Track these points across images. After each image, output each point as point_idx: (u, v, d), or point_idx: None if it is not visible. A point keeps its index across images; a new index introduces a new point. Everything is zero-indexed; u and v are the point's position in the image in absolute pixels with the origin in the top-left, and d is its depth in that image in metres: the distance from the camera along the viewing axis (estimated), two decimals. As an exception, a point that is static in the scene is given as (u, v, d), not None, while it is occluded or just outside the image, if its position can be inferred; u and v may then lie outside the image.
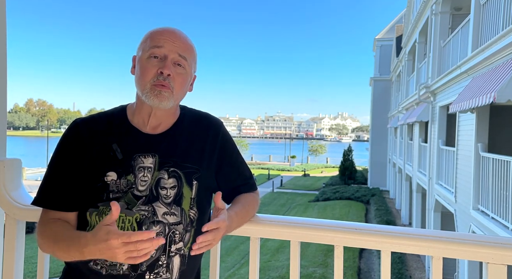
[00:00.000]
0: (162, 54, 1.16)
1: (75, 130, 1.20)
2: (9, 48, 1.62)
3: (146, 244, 0.93)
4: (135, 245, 0.93)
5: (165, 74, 1.14)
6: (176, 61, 1.17)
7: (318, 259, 11.69)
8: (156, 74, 1.15)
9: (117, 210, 0.97)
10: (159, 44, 1.16)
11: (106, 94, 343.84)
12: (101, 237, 0.95)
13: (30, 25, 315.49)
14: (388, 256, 1.33)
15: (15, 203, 1.49)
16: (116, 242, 0.93)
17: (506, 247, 1.22)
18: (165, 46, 1.16)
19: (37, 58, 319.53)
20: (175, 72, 1.16)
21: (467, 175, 7.28)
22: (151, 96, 1.15)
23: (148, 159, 1.18)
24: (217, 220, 1.10)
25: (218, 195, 1.15)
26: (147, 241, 0.93)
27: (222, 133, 1.33)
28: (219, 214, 1.14)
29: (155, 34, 1.18)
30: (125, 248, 0.94)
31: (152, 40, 1.17)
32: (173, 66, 1.17)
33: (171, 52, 1.16)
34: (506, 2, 5.94)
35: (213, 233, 1.08)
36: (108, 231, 0.95)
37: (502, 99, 5.02)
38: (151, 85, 1.15)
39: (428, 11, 11.94)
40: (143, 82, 1.16)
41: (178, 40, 1.18)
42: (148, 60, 1.16)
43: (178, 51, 1.17)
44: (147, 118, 1.22)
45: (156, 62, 1.15)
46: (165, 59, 1.15)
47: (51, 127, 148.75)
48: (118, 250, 0.94)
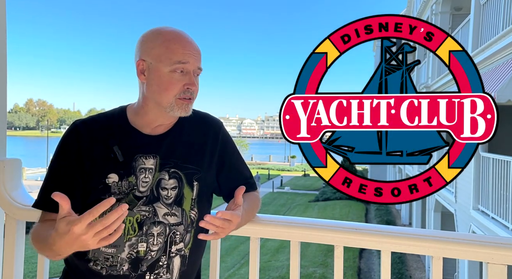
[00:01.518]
0: (187, 69, 1.15)
1: (75, 132, 1.19)
2: (9, 48, 1.62)
3: (111, 217, 0.88)
4: (101, 222, 0.88)
5: (192, 90, 1.16)
6: (196, 73, 1.19)
7: (318, 259, 11.69)
8: (183, 89, 1.15)
9: (61, 199, 0.91)
10: (184, 59, 1.13)
11: (106, 94, 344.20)
12: (62, 230, 0.90)
13: (30, 25, 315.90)
14: (388, 256, 1.33)
15: (15, 203, 1.49)
16: (79, 228, 0.87)
17: (506, 247, 1.22)
18: (190, 61, 1.15)
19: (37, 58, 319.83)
20: (196, 83, 1.18)
21: (467, 175, 7.28)
22: (177, 110, 1.16)
23: (149, 160, 1.18)
24: (232, 213, 1.09)
25: (241, 189, 1.16)
26: (111, 213, 0.88)
27: (222, 134, 1.33)
28: (236, 209, 1.13)
29: (175, 47, 1.14)
30: (92, 230, 0.88)
31: (174, 53, 1.13)
32: (194, 77, 1.18)
33: (193, 66, 1.16)
34: (506, 2, 5.95)
35: (222, 221, 1.06)
36: (67, 221, 0.90)
37: (502, 99, 5.03)
38: (176, 99, 1.15)
39: (428, 11, 11.95)
40: (168, 96, 1.15)
41: (196, 51, 1.18)
42: (172, 74, 1.14)
43: (198, 64, 1.18)
44: (151, 122, 1.22)
45: (180, 77, 1.14)
46: (189, 73, 1.16)
47: (51, 127, 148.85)
48: (85, 236, 0.88)
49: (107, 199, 0.89)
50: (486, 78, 6.14)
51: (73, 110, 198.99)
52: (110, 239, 0.91)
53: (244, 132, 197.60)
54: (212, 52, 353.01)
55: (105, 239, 0.91)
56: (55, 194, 0.92)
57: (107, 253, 1.12)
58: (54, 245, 0.95)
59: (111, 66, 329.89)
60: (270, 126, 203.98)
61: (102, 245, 0.93)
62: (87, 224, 0.88)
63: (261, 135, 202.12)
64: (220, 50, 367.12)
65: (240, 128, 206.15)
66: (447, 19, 10.76)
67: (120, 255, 1.12)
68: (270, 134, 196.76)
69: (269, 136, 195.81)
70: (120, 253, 1.12)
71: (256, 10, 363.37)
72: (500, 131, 1.50)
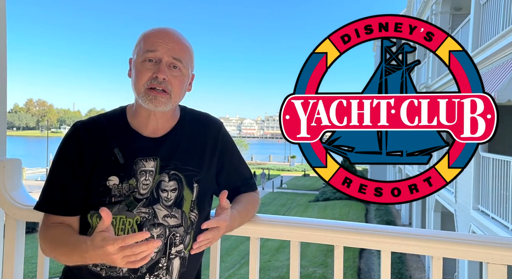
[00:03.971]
0: (157, 57, 1.14)
1: (76, 134, 1.19)
2: (9, 48, 1.62)
3: (142, 247, 0.93)
4: (131, 249, 0.92)
5: (160, 79, 1.13)
6: (171, 64, 1.16)
7: (318, 259, 11.69)
8: (151, 78, 1.13)
9: (107, 216, 0.96)
10: (152, 47, 1.14)
11: (106, 94, 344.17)
12: (97, 244, 0.95)
13: (30, 25, 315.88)
14: (388, 256, 1.33)
15: (15, 203, 1.49)
16: (112, 248, 0.92)
17: (506, 247, 1.22)
18: (159, 49, 1.14)
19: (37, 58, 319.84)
20: (171, 75, 1.15)
21: (467, 175, 7.28)
22: (146, 100, 1.14)
23: (149, 163, 1.18)
24: (218, 219, 1.11)
25: (224, 193, 1.15)
26: (143, 244, 0.93)
27: (222, 134, 1.33)
28: (221, 213, 1.14)
29: (148, 37, 1.16)
30: (122, 253, 0.93)
31: (146, 43, 1.15)
32: (168, 69, 1.15)
33: (166, 55, 1.14)
34: (506, 2, 5.95)
35: (213, 232, 1.09)
36: (103, 237, 0.95)
37: (502, 99, 5.03)
38: (145, 89, 1.14)
39: (428, 11, 11.95)
40: (138, 86, 1.15)
41: (172, 42, 1.16)
42: (143, 64, 1.14)
43: (173, 54, 1.15)
44: (146, 121, 1.21)
45: (150, 66, 1.14)
46: (160, 62, 1.14)
47: (51, 127, 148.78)
48: (116, 256, 0.93)
49: (141, 233, 0.94)
50: (486, 78, 6.14)
51: (73, 110, 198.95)
52: (137, 264, 0.96)
53: (244, 132, 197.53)
54: (212, 52, 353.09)
55: (132, 263, 0.96)
56: (103, 209, 0.96)
57: (107, 253, 1.12)
58: (86, 253, 0.99)
59: (111, 66, 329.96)
60: (270, 126, 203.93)
61: (129, 267, 0.99)
62: (119, 246, 0.92)
63: (261, 135, 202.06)
64: (220, 50, 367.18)
65: (240, 128, 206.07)
66: (447, 19, 10.75)
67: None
68: (270, 134, 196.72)
69: (269, 136, 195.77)
70: (120, 254, 1.12)
71: (256, 10, 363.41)
72: (500, 131, 1.51)
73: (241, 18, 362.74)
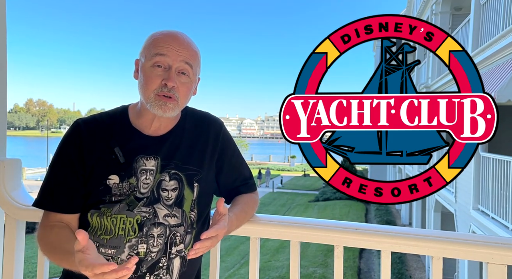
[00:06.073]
0: (166, 63, 1.13)
1: (77, 131, 1.19)
2: (9, 48, 1.62)
3: (117, 274, 0.87)
4: (103, 277, 0.87)
5: (170, 87, 1.13)
6: (181, 70, 1.16)
7: (318, 259, 11.69)
8: (161, 85, 1.13)
9: (83, 239, 0.90)
10: (162, 52, 1.13)
11: (106, 94, 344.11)
12: (76, 263, 0.92)
13: (30, 25, 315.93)
14: (388, 256, 1.33)
15: (15, 203, 1.49)
16: (87, 272, 0.89)
17: (506, 247, 1.22)
18: (169, 55, 1.13)
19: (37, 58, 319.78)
20: (179, 82, 1.15)
21: (467, 175, 7.28)
22: (155, 106, 1.14)
23: (150, 162, 1.17)
24: (216, 228, 1.08)
25: (221, 201, 1.13)
26: (117, 271, 0.87)
27: (223, 134, 1.33)
28: (220, 220, 1.11)
29: (158, 41, 1.15)
30: (99, 277, 0.88)
31: (155, 47, 1.14)
32: (177, 76, 1.15)
33: (175, 62, 1.14)
34: (506, 2, 5.95)
35: (211, 240, 1.07)
36: (79, 260, 0.91)
37: (502, 99, 5.03)
38: (155, 95, 1.14)
39: (428, 11, 11.95)
40: (147, 91, 1.14)
41: (182, 48, 1.15)
42: (152, 69, 1.14)
43: (183, 60, 1.15)
44: (150, 122, 1.21)
45: (160, 72, 1.13)
46: (169, 69, 1.13)
47: (51, 127, 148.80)
48: (93, 277, 0.89)
49: (125, 265, 0.87)
50: (486, 78, 6.14)
51: (73, 110, 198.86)
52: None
53: (244, 132, 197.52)
54: (212, 52, 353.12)
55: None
56: (79, 232, 0.90)
57: (107, 254, 1.12)
58: (72, 267, 1.01)
59: (111, 66, 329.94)
60: (270, 126, 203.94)
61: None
62: (92, 273, 0.88)
63: (261, 135, 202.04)
64: (220, 50, 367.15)
65: (240, 128, 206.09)
66: (447, 19, 10.76)
67: (120, 256, 1.12)
68: (270, 134, 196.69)
69: (269, 136, 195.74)
70: (120, 254, 1.12)
71: (256, 9, 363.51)
72: (500, 131, 1.51)
73: (241, 18, 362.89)
